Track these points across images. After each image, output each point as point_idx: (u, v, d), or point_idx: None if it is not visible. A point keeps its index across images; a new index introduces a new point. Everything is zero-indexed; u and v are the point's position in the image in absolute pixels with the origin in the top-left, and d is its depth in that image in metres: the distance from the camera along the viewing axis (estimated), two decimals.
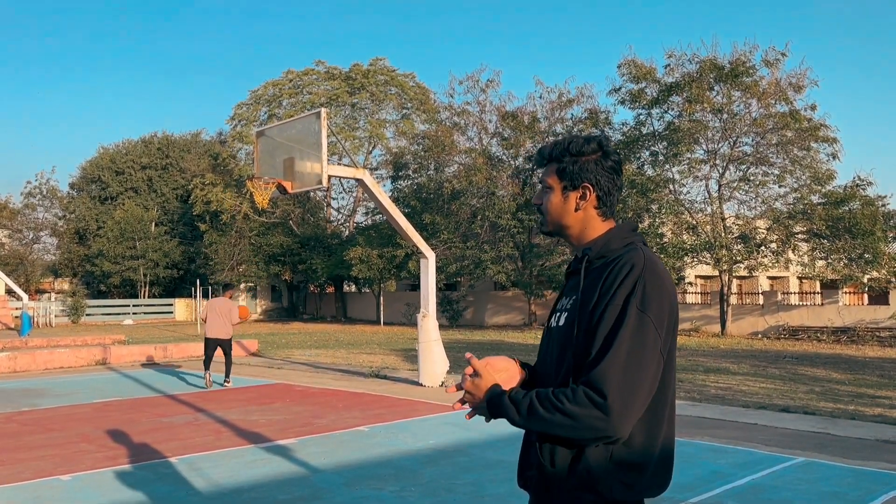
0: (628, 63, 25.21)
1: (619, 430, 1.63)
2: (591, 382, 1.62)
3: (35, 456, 6.95)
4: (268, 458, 6.81)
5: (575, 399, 1.62)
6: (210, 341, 11.99)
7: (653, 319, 1.68)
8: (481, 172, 28.96)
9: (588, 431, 1.63)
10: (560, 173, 1.91)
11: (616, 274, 1.73)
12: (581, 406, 1.61)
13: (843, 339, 21.97)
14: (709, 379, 12.34)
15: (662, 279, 1.74)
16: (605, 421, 1.61)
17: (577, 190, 1.89)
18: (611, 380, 1.61)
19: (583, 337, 1.74)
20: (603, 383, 1.61)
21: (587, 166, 1.88)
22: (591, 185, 1.88)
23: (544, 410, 1.66)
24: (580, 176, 1.88)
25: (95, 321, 38.74)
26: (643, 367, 1.64)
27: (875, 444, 7.18)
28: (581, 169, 1.88)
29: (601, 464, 1.70)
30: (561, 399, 1.64)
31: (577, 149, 1.89)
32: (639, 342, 1.65)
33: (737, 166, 25.06)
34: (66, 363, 15.79)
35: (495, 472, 6.20)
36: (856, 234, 22.07)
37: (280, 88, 39.37)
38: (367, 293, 40.07)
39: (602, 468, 1.70)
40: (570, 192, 1.90)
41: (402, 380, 12.56)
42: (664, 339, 1.70)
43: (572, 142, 1.91)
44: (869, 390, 11.05)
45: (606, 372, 1.62)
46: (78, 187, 50.00)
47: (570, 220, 1.91)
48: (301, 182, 11.36)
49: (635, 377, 1.63)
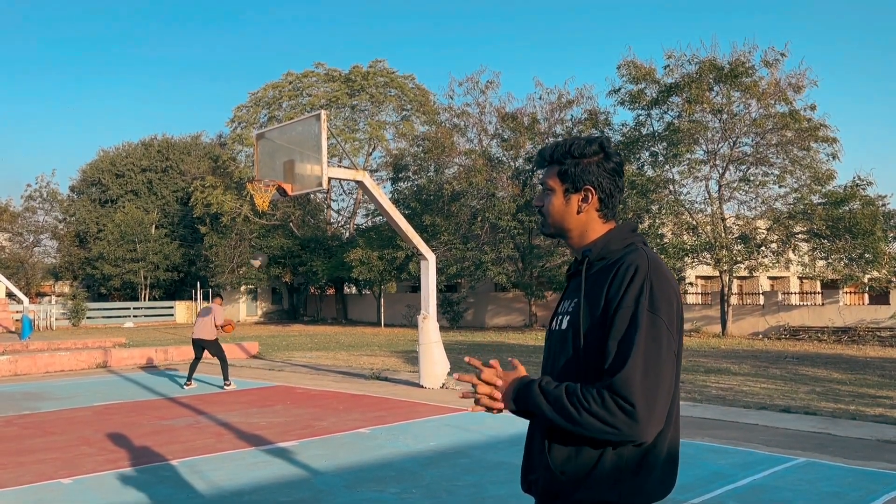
0: (627, 64, 25.22)
1: (647, 436, 1.63)
2: (617, 390, 1.61)
3: (36, 459, 6.96)
4: (269, 460, 6.81)
5: (604, 405, 1.62)
6: (194, 342, 12.61)
7: (664, 321, 1.68)
8: (481, 174, 28.97)
9: (615, 436, 1.63)
10: (562, 175, 1.90)
11: (622, 277, 1.72)
12: (610, 412, 1.61)
13: (843, 339, 21.96)
14: (709, 379, 12.34)
15: (668, 279, 1.74)
16: (634, 427, 1.61)
17: (580, 192, 1.88)
18: (636, 386, 1.61)
19: (588, 341, 1.73)
20: (629, 391, 1.60)
21: (589, 168, 1.87)
22: (594, 188, 1.87)
23: (573, 408, 1.65)
24: (582, 178, 1.87)
25: (96, 324, 38.73)
26: (663, 371, 1.65)
27: (876, 444, 7.18)
28: (583, 171, 1.87)
29: (611, 468, 1.69)
30: (589, 401, 1.63)
31: (580, 151, 1.88)
32: (655, 346, 1.65)
33: (737, 167, 25.06)
34: (67, 366, 15.79)
35: (496, 473, 6.20)
36: (856, 234, 22.06)
37: (280, 90, 39.39)
38: (368, 295, 40.06)
39: (612, 472, 1.69)
40: (573, 195, 1.89)
41: (403, 381, 12.57)
42: (676, 340, 1.71)
43: (574, 144, 1.90)
44: (870, 390, 11.05)
45: (631, 378, 1.61)
46: (78, 190, 50.03)
47: (572, 222, 1.90)
48: (301, 184, 11.37)
49: (657, 381, 1.63)
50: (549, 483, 1.77)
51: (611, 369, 1.65)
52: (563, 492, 1.74)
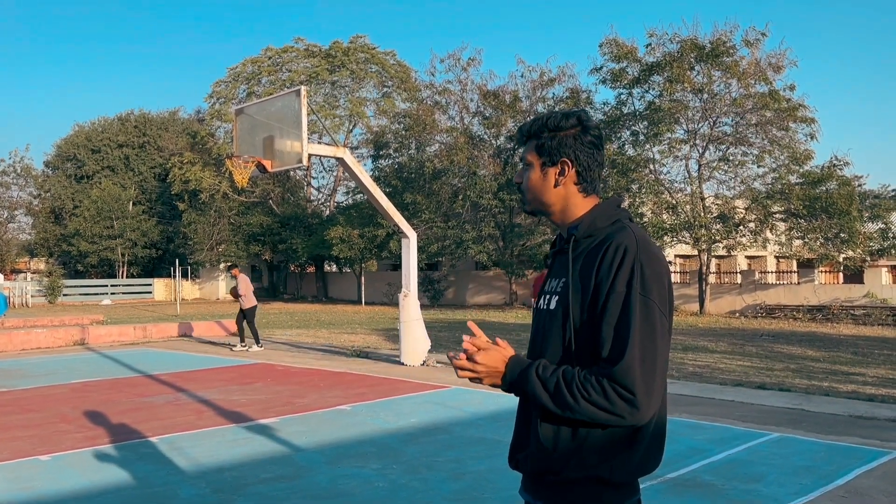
0: (610, 42, 25.17)
1: (646, 420, 1.65)
2: (618, 379, 1.61)
3: (13, 436, 6.90)
4: (249, 437, 6.82)
5: (605, 395, 1.62)
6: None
7: (657, 302, 1.68)
8: (462, 152, 28.89)
9: (615, 421, 1.64)
10: (538, 149, 1.88)
11: (611, 259, 1.70)
12: (611, 402, 1.61)
13: (818, 318, 22.32)
14: (687, 357, 12.50)
15: (658, 258, 1.73)
16: (635, 414, 1.62)
17: (556, 165, 1.86)
18: (636, 375, 1.61)
19: (579, 324, 1.73)
20: (630, 379, 1.61)
21: (566, 141, 1.85)
22: (571, 161, 1.85)
23: (571, 398, 1.65)
24: (558, 151, 1.85)
25: (73, 301, 38.34)
26: (658, 355, 1.65)
27: (848, 419, 7.33)
28: (559, 144, 1.85)
29: (602, 444, 1.70)
30: (588, 390, 1.63)
31: (555, 124, 1.86)
32: (649, 330, 1.65)
33: (716, 146, 25.21)
34: (44, 344, 15.64)
35: (477, 449, 6.25)
36: (832, 214, 22.34)
37: (259, 66, 38.89)
38: (348, 273, 39.99)
39: (603, 448, 1.70)
40: (549, 168, 1.87)
41: (384, 359, 12.60)
42: (668, 319, 1.71)
43: (551, 117, 1.88)
44: (843, 367, 11.26)
45: (631, 367, 1.61)
46: (53, 165, 49.22)
47: (551, 196, 1.88)
48: (281, 161, 11.27)
49: (653, 366, 1.64)
50: (538, 461, 1.77)
51: (610, 358, 1.65)
52: (553, 469, 1.75)
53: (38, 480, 5.44)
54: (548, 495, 1.79)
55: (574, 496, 1.74)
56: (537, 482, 1.81)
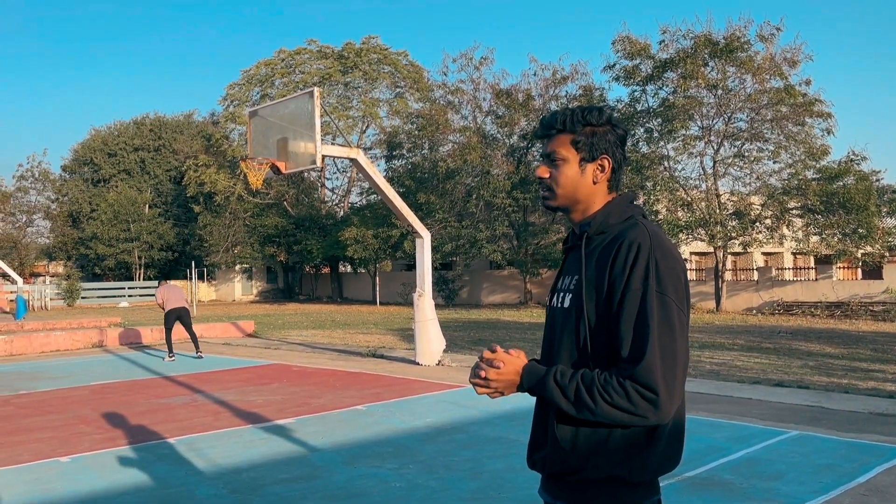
0: (622, 39, 25.06)
1: (667, 419, 1.64)
2: (641, 380, 1.60)
3: (33, 438, 6.97)
4: (266, 437, 6.84)
5: (628, 396, 1.60)
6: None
7: (674, 300, 1.66)
8: (476, 151, 28.86)
9: (638, 421, 1.63)
10: (576, 144, 1.83)
11: (625, 256, 1.68)
12: (633, 404, 1.60)
13: (836, 314, 22.10)
14: (704, 355, 12.41)
15: (672, 254, 1.71)
16: (658, 413, 1.61)
17: (596, 162, 1.83)
18: (657, 375, 1.60)
19: (594, 322, 1.71)
20: (652, 380, 1.59)
21: (606, 137, 1.83)
22: (610, 157, 1.83)
23: (592, 401, 1.63)
24: (599, 148, 1.82)
25: (91, 304, 38.68)
26: (678, 353, 1.64)
27: (868, 416, 7.25)
28: (599, 140, 1.82)
29: (621, 444, 1.69)
30: (610, 392, 1.62)
31: (596, 119, 1.83)
32: (668, 328, 1.63)
33: (731, 142, 25.03)
34: (63, 346, 15.79)
35: (493, 448, 6.24)
36: (850, 210, 22.11)
37: (272, 68, 39.06)
38: (363, 273, 40.08)
39: (622, 448, 1.69)
40: (588, 165, 1.83)
41: (399, 359, 12.61)
42: (686, 315, 1.69)
43: (587, 111, 1.84)
44: (862, 364, 11.13)
45: (652, 367, 1.60)
46: (70, 170, 49.72)
47: (586, 193, 1.84)
48: (295, 162, 11.30)
49: (674, 365, 1.62)
50: (556, 462, 1.76)
51: (631, 358, 1.63)
52: (572, 469, 1.73)
53: (58, 482, 5.49)
54: (567, 495, 1.78)
55: (593, 496, 1.73)
56: (556, 482, 1.80)
